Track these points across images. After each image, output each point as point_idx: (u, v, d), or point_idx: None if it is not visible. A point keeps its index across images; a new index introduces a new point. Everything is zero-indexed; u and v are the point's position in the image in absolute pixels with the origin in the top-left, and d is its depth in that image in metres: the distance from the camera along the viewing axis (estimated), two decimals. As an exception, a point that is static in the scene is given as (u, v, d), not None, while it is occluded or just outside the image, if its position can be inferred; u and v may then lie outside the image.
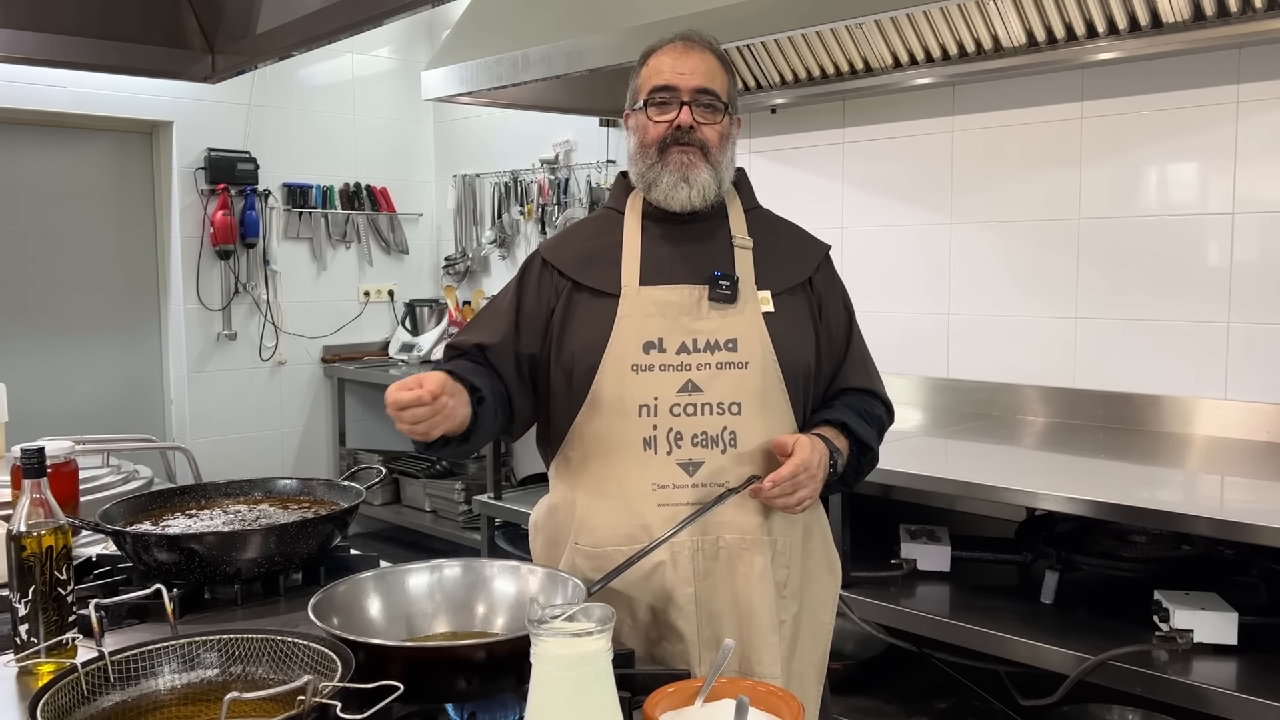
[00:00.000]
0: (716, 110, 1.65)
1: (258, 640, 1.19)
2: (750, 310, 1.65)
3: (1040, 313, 3.26)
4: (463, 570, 1.49)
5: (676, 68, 1.65)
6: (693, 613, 1.61)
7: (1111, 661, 2.19)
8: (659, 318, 1.63)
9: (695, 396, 1.61)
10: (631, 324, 1.63)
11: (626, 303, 1.65)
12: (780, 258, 1.72)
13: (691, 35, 1.70)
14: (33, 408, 4.50)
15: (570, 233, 1.83)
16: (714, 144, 1.65)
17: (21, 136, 4.59)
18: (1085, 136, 3.12)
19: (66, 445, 2.04)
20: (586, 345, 1.64)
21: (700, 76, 1.64)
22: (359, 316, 5.51)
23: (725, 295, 1.63)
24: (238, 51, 3.08)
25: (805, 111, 3.79)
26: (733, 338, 1.62)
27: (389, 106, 5.53)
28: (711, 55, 1.68)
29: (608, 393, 1.63)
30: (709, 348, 1.62)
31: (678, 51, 1.66)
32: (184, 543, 1.65)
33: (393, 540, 5.42)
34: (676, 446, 1.60)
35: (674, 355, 1.62)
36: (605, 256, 1.70)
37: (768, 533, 1.63)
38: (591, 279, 1.68)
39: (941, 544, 2.77)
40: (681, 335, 1.63)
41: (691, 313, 1.64)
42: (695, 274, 1.65)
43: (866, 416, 1.72)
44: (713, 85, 1.65)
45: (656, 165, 1.66)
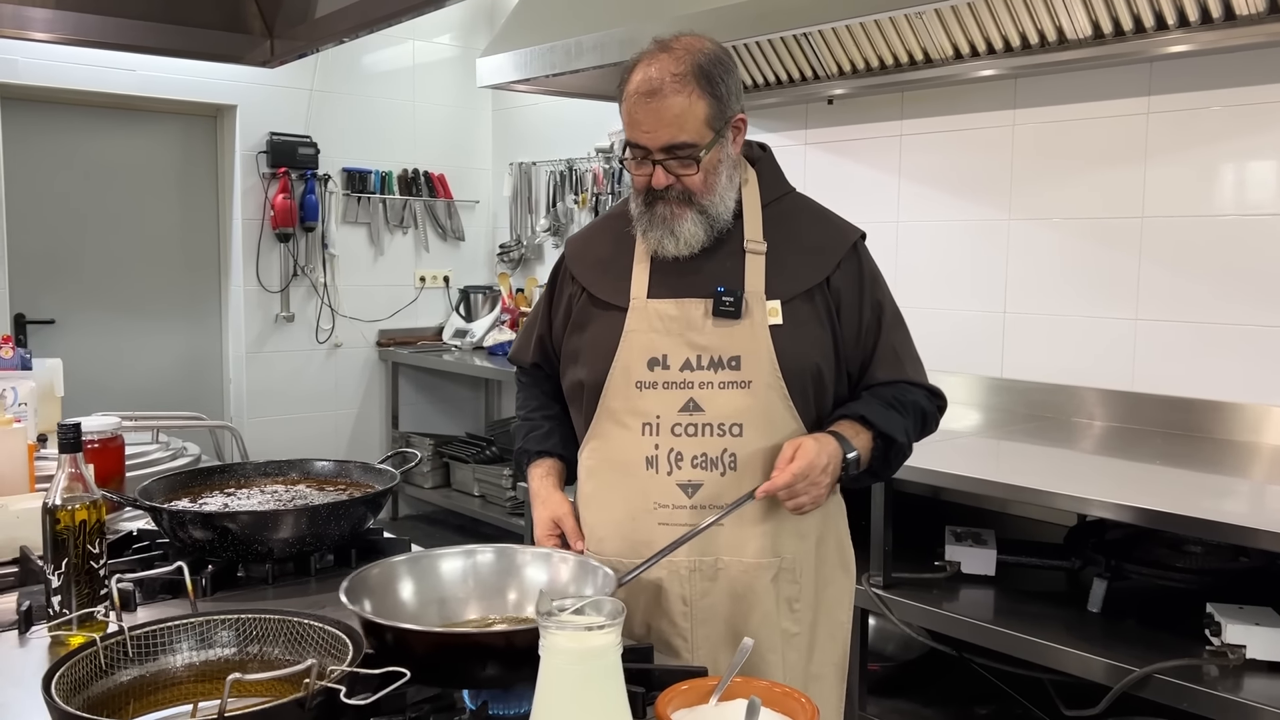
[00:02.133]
0: (691, 160, 1.54)
1: (274, 621, 1.20)
2: (756, 324, 1.58)
3: (1100, 313, 3.17)
4: (496, 556, 1.48)
5: (641, 124, 1.53)
6: (689, 631, 1.60)
7: (1158, 675, 2.12)
8: (663, 333, 1.60)
9: (696, 416, 1.58)
10: (637, 339, 1.61)
11: (633, 317, 1.62)
12: (797, 259, 1.64)
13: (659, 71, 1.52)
14: (96, 384, 4.63)
15: (595, 234, 1.80)
16: (698, 189, 1.56)
17: (91, 118, 4.71)
18: (1151, 132, 3.02)
19: (113, 421, 2.08)
20: (595, 359, 1.64)
21: (665, 132, 1.52)
22: (414, 301, 5.56)
23: (728, 311, 1.58)
24: (296, 36, 3.11)
25: (863, 103, 3.72)
26: (736, 355, 1.58)
27: (448, 93, 5.56)
28: (678, 94, 1.51)
29: (614, 408, 1.63)
30: (712, 365, 1.58)
31: (639, 102, 1.53)
32: (218, 521, 1.66)
33: (441, 523, 5.47)
34: (677, 467, 1.58)
35: (677, 372, 1.59)
36: (619, 265, 1.67)
37: (774, 553, 1.61)
38: (603, 290, 1.67)
39: (987, 547, 2.71)
40: (685, 351, 1.59)
41: (696, 327, 1.59)
42: (702, 286, 1.60)
43: (897, 405, 1.63)
44: (681, 136, 1.52)
45: (645, 214, 1.60)
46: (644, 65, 1.54)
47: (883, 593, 2.61)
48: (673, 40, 1.57)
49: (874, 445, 1.60)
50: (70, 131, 4.66)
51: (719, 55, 1.57)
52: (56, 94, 4.50)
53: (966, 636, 2.50)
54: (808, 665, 1.67)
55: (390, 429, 5.52)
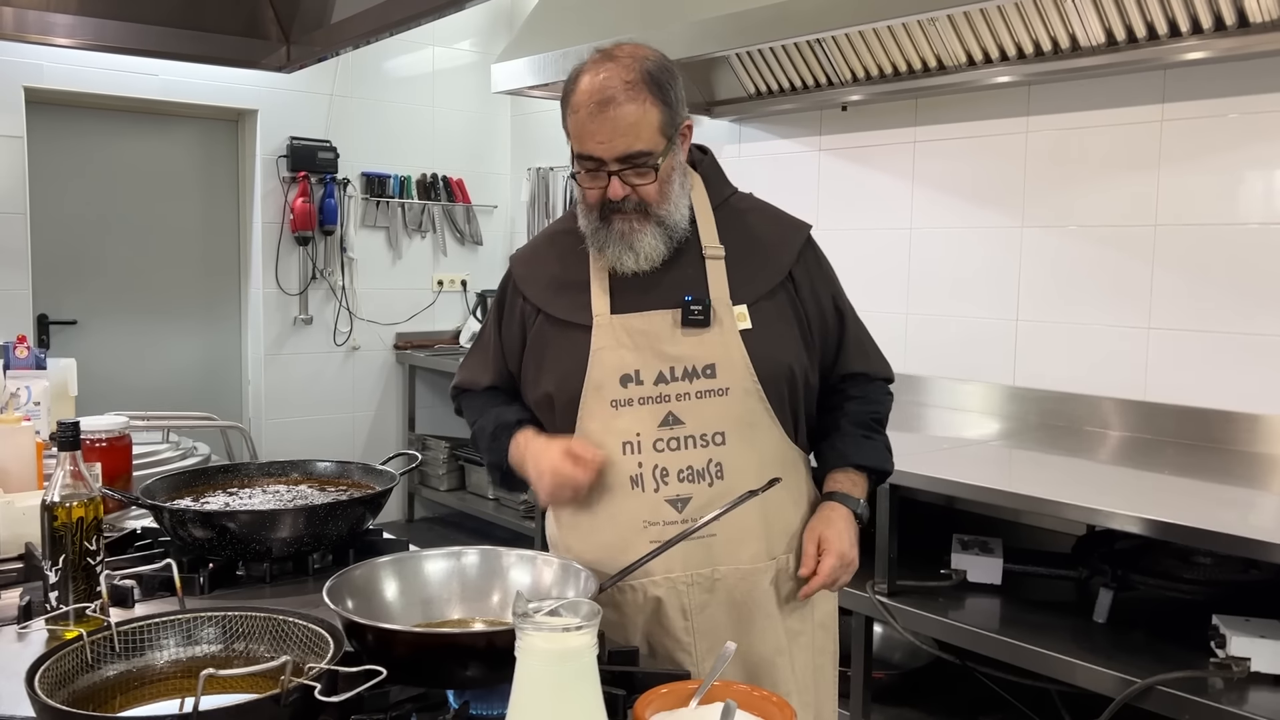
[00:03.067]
0: (648, 169, 1.51)
1: (259, 618, 1.21)
2: (727, 330, 1.56)
3: (1112, 321, 3.15)
4: (480, 558, 1.49)
5: (595, 135, 1.49)
6: (691, 646, 1.58)
7: (1161, 686, 2.10)
8: (633, 348, 1.57)
9: (677, 430, 1.55)
10: (607, 356, 1.57)
11: (600, 334, 1.58)
12: (756, 259, 1.62)
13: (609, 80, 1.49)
14: (116, 384, 4.69)
15: (541, 251, 1.74)
16: (653, 198, 1.53)
17: (115, 122, 4.77)
18: (1165, 140, 3.00)
19: (121, 420, 2.11)
20: (563, 380, 1.60)
21: (621, 141, 1.48)
22: (432, 305, 5.59)
23: (698, 320, 1.55)
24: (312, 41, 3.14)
25: (877, 109, 3.72)
26: (710, 363, 1.55)
27: (467, 99, 5.60)
28: (632, 103, 1.48)
29: (591, 430, 1.58)
30: (687, 375, 1.55)
31: (592, 112, 1.48)
32: (217, 519, 1.68)
33: (456, 526, 5.50)
34: (663, 483, 1.55)
35: (652, 386, 1.56)
36: (575, 283, 1.63)
37: (768, 555, 1.60)
38: (562, 309, 1.63)
39: (993, 556, 2.69)
40: (658, 364, 1.56)
41: (666, 339, 1.56)
42: (667, 297, 1.57)
43: (874, 426, 1.69)
44: (637, 145, 1.49)
45: (601, 230, 1.56)
46: (590, 75, 1.51)
47: (888, 600, 2.60)
48: (615, 49, 1.54)
49: (869, 481, 1.68)
50: (93, 135, 4.73)
51: (664, 63, 1.55)
52: (80, 98, 4.57)
53: (972, 646, 2.48)
54: (813, 658, 1.67)
55: (407, 431, 5.56)
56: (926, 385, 3.60)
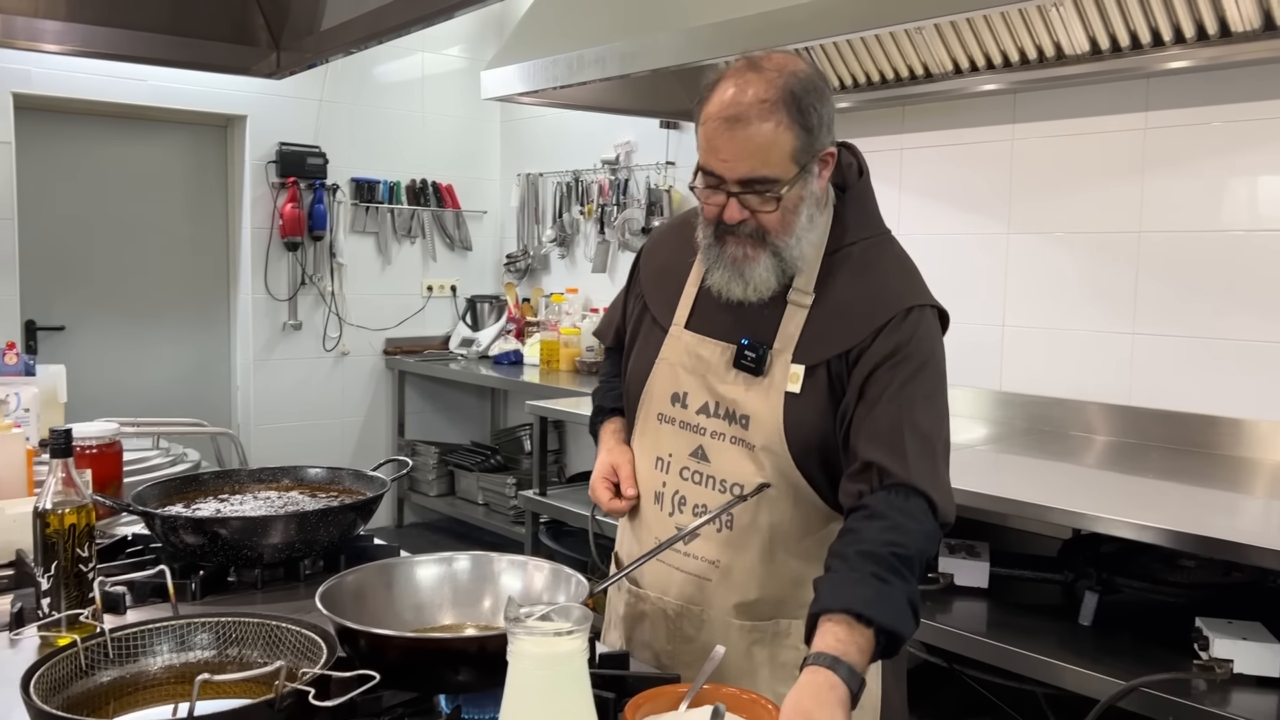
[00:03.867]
0: (772, 196, 1.36)
1: (252, 624, 1.22)
2: (774, 388, 1.44)
3: (1098, 327, 3.18)
4: (472, 564, 1.50)
5: (719, 152, 1.36)
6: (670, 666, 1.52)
7: (1145, 688, 2.12)
8: (690, 371, 1.51)
9: (703, 466, 1.49)
10: (666, 370, 1.54)
11: (669, 344, 1.54)
12: (841, 322, 1.44)
13: (748, 94, 1.34)
14: (104, 390, 4.68)
15: (671, 235, 1.67)
16: (774, 228, 1.39)
17: (103, 128, 4.77)
18: (1149, 147, 3.03)
19: (112, 427, 2.11)
20: (636, 374, 1.59)
21: (745, 164, 1.35)
22: (421, 310, 5.60)
23: (749, 368, 1.45)
24: (303, 48, 3.14)
25: (864, 116, 3.74)
26: (747, 414, 1.45)
27: (457, 105, 5.61)
28: (765, 122, 1.32)
29: (643, 431, 1.59)
30: (726, 416, 1.47)
31: (719, 127, 1.35)
32: (209, 526, 1.69)
33: (446, 531, 5.50)
34: (679, 510, 1.51)
35: (694, 414, 1.50)
36: (675, 280, 1.57)
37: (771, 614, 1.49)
38: (656, 305, 1.60)
39: (980, 560, 2.71)
40: (705, 395, 1.49)
41: (716, 373, 1.49)
42: (735, 330, 1.48)
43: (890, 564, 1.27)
44: (763, 170, 1.34)
45: (713, 247, 1.44)
46: (729, 84, 1.36)
47: (875, 604, 2.62)
48: (763, 58, 1.38)
49: (877, 641, 1.23)
50: (82, 141, 4.73)
51: (814, 80, 1.38)
52: (69, 104, 4.57)
53: (959, 649, 2.50)
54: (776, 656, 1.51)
55: (396, 436, 5.56)
56: (914, 390, 3.63)
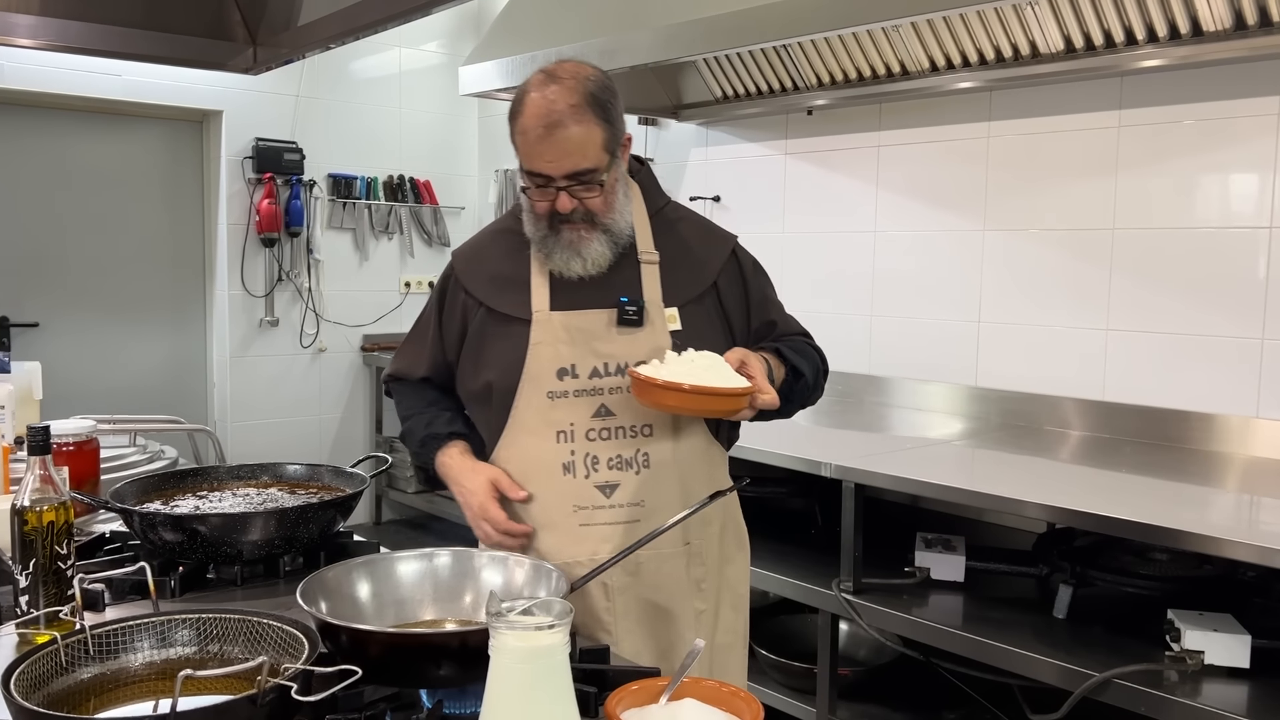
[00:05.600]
0: (594, 183, 1.62)
1: (233, 620, 1.22)
2: (659, 331, 1.69)
3: (1071, 323, 3.21)
4: (453, 559, 1.51)
5: (544, 155, 1.59)
6: (612, 625, 1.70)
7: (1118, 680, 2.15)
8: (569, 344, 1.68)
9: (609, 420, 1.67)
10: (545, 350, 1.68)
11: (538, 329, 1.69)
12: (686, 266, 1.75)
13: (554, 103, 1.58)
14: (79, 387, 4.65)
15: (484, 248, 1.84)
16: (600, 209, 1.64)
17: (77, 123, 4.73)
18: (1122, 145, 3.06)
19: (89, 424, 2.10)
20: (502, 372, 1.71)
21: (569, 159, 1.59)
22: (399, 306, 5.58)
23: (633, 320, 1.67)
24: (279, 43, 3.13)
25: (842, 114, 3.76)
26: (643, 360, 1.65)
27: (435, 100, 5.59)
28: (578, 124, 1.58)
29: (526, 420, 1.70)
30: (619, 371, 1.67)
31: (540, 135, 1.58)
32: (188, 523, 1.69)
33: (424, 528, 5.49)
34: (593, 470, 1.67)
35: (586, 380, 1.68)
36: (516, 280, 1.73)
37: (684, 541, 1.73)
38: (502, 304, 1.73)
39: (956, 553, 2.74)
40: (592, 360, 1.68)
41: (601, 337, 1.68)
42: (604, 297, 1.69)
43: (802, 352, 1.79)
44: (584, 163, 1.59)
45: (549, 237, 1.67)
46: (536, 97, 1.59)
47: (853, 598, 2.64)
48: (557, 69, 1.62)
49: (785, 378, 1.74)
50: (56, 136, 4.68)
51: (605, 81, 1.64)
52: (42, 99, 4.52)
53: (935, 642, 2.53)
54: (714, 636, 1.79)
55: (374, 433, 5.54)
56: (890, 386, 3.66)
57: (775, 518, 3.32)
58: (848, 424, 3.37)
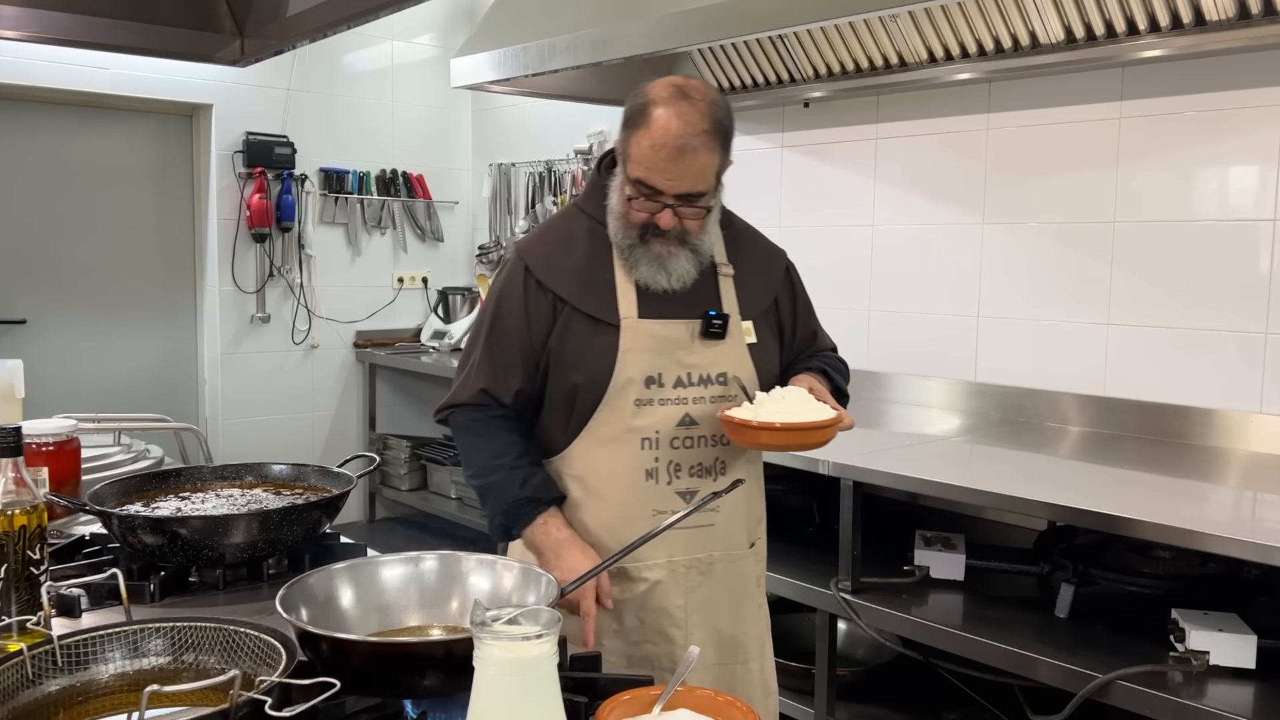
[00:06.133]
0: (702, 206, 1.64)
1: (209, 629, 1.18)
2: (737, 343, 1.74)
3: (1072, 318, 3.17)
4: (439, 563, 1.46)
5: (665, 173, 1.58)
6: (683, 619, 1.73)
7: (1122, 681, 2.11)
8: (657, 353, 1.69)
9: (692, 430, 1.70)
10: (634, 359, 1.68)
11: (627, 336, 1.68)
12: (755, 280, 1.80)
13: (689, 124, 1.56)
14: (68, 385, 4.60)
15: (558, 245, 1.76)
16: (695, 231, 1.66)
17: (64, 117, 4.67)
18: (1124, 137, 3.02)
19: (69, 424, 2.05)
20: (591, 377, 1.69)
21: (688, 181, 1.59)
22: (392, 303, 5.53)
23: (717, 334, 1.71)
24: (267, 35, 3.08)
25: (839, 106, 3.72)
26: (723, 371, 1.71)
27: (427, 94, 5.54)
28: (706, 151, 1.58)
29: (610, 425, 1.69)
30: (702, 381, 1.71)
31: (670, 155, 1.56)
32: (168, 525, 1.64)
33: (419, 526, 5.45)
34: (676, 477, 1.70)
35: (671, 389, 1.70)
36: (600, 280, 1.71)
37: (749, 542, 1.81)
38: (591, 306, 1.70)
39: (956, 552, 2.70)
40: (677, 370, 1.70)
41: (685, 347, 1.71)
42: (688, 308, 1.71)
43: (838, 369, 1.87)
44: (699, 186, 1.60)
45: (637, 247, 1.67)
46: (669, 113, 1.56)
47: (851, 598, 2.60)
48: (688, 86, 1.60)
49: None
50: (43, 130, 4.62)
51: (729, 107, 1.65)
52: (29, 92, 4.46)
53: (935, 642, 2.49)
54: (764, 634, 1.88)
55: (367, 430, 5.49)
56: (888, 381, 3.61)
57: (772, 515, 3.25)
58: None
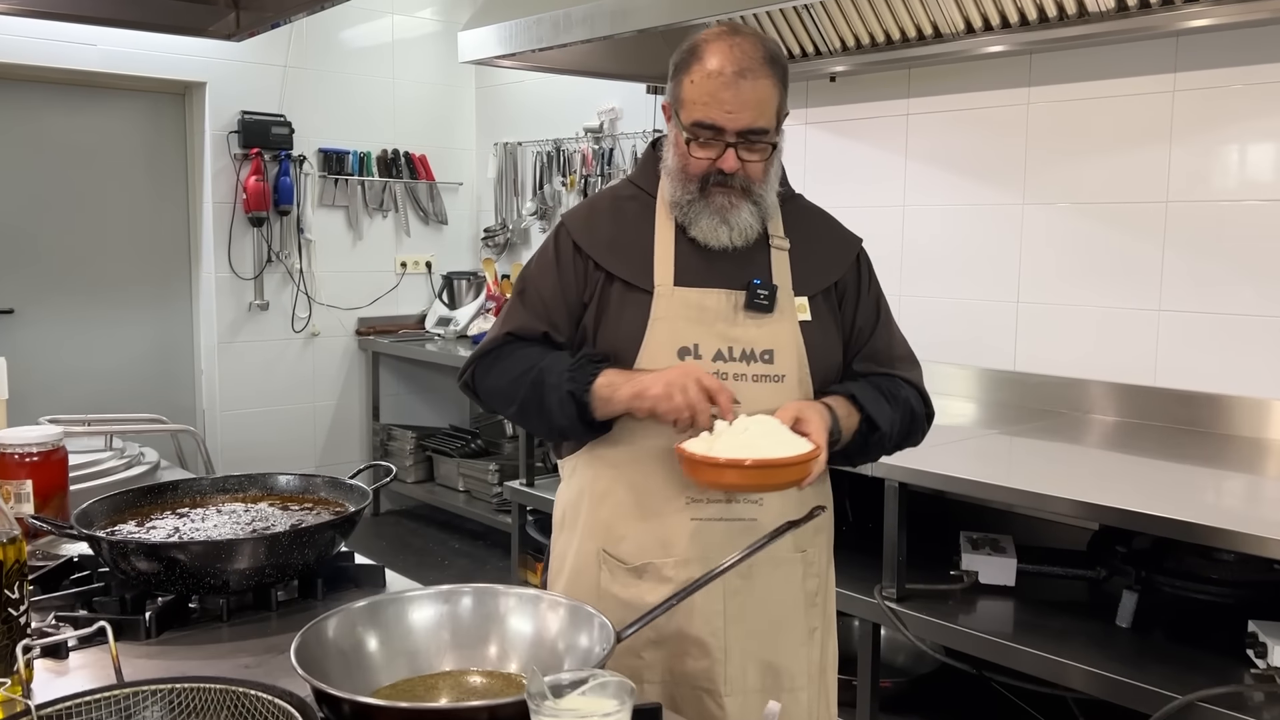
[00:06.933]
0: (765, 144, 1.53)
1: (214, 691, 1.01)
2: (788, 319, 1.58)
3: (1119, 303, 3.00)
4: (474, 600, 1.29)
5: (724, 104, 1.48)
6: (720, 629, 1.57)
7: (1203, 703, 1.95)
8: (695, 323, 1.56)
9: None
10: (666, 327, 1.55)
11: (661, 304, 1.55)
12: (816, 258, 1.65)
13: (744, 53, 1.49)
14: (59, 377, 4.42)
15: (600, 211, 1.68)
16: (758, 178, 1.54)
17: (50, 96, 4.47)
18: (1177, 111, 2.84)
19: (55, 431, 1.88)
20: (621, 347, 1.56)
21: (749, 114, 1.49)
22: (395, 288, 5.35)
23: (763, 305, 1.56)
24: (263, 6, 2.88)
25: (867, 80, 3.53)
26: (769, 349, 1.56)
27: (430, 70, 5.34)
28: (766, 78, 1.50)
29: None
30: (745, 357, 1.56)
31: (728, 81, 1.48)
32: (164, 552, 1.47)
33: (425, 519, 5.29)
34: None
35: (710, 363, 1.55)
36: (637, 247, 1.60)
37: (800, 548, 1.62)
38: (625, 271, 1.59)
39: (1006, 555, 2.54)
40: (717, 342, 1.55)
41: (728, 319, 1.56)
42: (732, 278, 1.58)
43: (889, 396, 1.60)
44: (760, 121, 1.50)
45: (697, 202, 1.55)
46: (723, 44, 1.50)
47: (897, 606, 2.44)
48: (737, 25, 1.55)
49: (859, 428, 1.57)
50: (29, 110, 4.42)
51: (782, 48, 1.60)
52: (13, 70, 4.26)
53: (986, 654, 2.33)
54: (822, 659, 1.68)
55: (371, 421, 5.32)
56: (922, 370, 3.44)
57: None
58: (876, 412, 3.16)
